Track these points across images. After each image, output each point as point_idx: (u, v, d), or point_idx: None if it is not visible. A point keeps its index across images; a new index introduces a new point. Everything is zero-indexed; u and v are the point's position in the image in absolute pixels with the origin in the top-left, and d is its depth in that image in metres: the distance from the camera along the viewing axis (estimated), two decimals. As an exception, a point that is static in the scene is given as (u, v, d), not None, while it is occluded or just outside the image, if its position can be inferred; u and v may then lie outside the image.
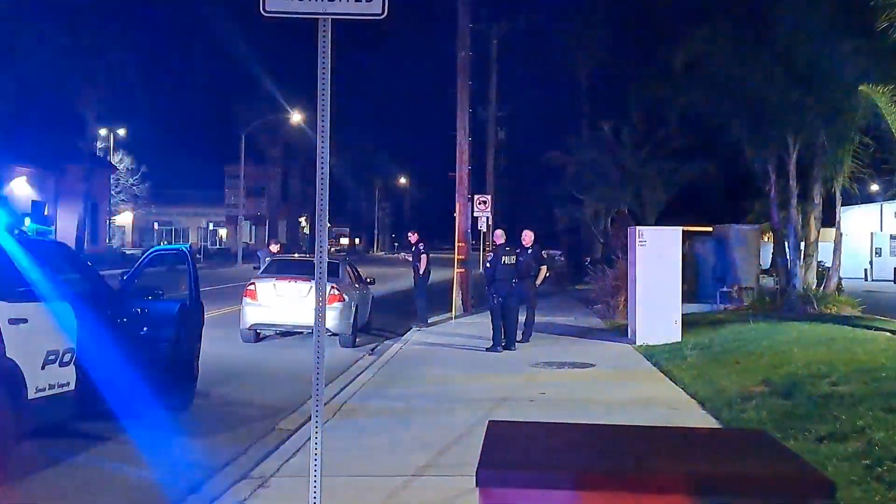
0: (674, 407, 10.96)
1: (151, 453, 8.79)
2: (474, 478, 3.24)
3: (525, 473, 3.31)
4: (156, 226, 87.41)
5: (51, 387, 8.38)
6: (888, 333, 15.53)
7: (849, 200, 26.07)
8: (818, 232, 22.77)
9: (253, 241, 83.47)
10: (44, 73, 43.78)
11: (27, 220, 9.21)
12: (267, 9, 6.38)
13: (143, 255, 11.98)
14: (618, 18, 45.62)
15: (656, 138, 37.36)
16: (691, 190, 39.04)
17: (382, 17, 6.38)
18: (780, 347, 13.96)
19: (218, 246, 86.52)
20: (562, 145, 44.82)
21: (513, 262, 16.95)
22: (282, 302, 17.44)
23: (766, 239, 31.21)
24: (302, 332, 17.60)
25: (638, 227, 18.81)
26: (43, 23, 42.34)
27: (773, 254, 25.29)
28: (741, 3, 22.75)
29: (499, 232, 18.06)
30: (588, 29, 52.08)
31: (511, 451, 3.56)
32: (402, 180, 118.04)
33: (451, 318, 22.33)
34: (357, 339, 18.02)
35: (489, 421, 4.01)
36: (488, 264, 17.40)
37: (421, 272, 20.92)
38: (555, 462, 3.43)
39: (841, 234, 22.80)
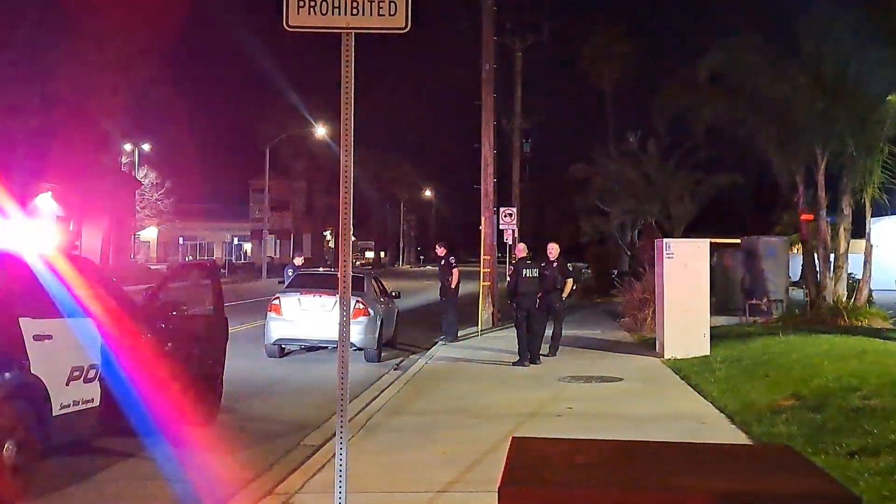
0: (703, 421, 10.83)
1: (176, 469, 8.76)
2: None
3: (548, 491, 3.25)
4: (180, 241, 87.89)
5: (75, 403, 8.36)
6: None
7: (879, 211, 25.80)
8: (848, 243, 22.53)
9: (278, 256, 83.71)
10: (69, 88, 44.13)
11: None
12: (290, 23, 6.38)
13: (167, 270, 12.00)
14: (643, 30, 45.67)
15: (682, 149, 37.19)
16: (719, 201, 38.89)
17: (406, 31, 6.35)
18: (810, 360, 13.77)
19: (243, 260, 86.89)
20: (587, 157, 44.76)
21: (535, 275, 16.84)
22: (306, 316, 17.39)
23: (794, 250, 30.95)
24: (327, 347, 17.54)
25: (665, 240, 18.68)
26: (68, 39, 42.71)
27: (802, 266, 25.05)
28: (767, 13, 22.64)
29: (520, 246, 17.99)
30: (613, 41, 52.16)
31: (534, 468, 3.51)
32: (428, 193, 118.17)
33: (478, 332, 22.23)
34: (382, 354, 17.94)
35: (512, 437, 3.95)
36: (509, 278, 17.34)
37: (452, 286, 20.74)
38: (578, 480, 3.37)
39: (871, 246, 22.53)
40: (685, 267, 17.12)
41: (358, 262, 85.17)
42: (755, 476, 3.42)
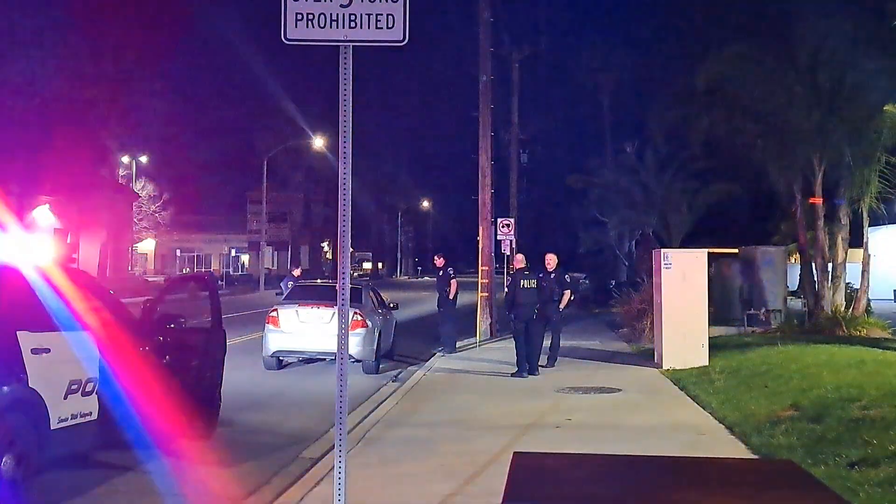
0: (702, 432, 10.82)
1: (174, 483, 8.73)
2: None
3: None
4: (178, 253, 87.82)
5: (73, 416, 8.33)
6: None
7: (876, 221, 25.82)
8: (846, 253, 22.53)
9: (275, 267, 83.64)
10: (66, 101, 44.16)
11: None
12: (288, 36, 6.39)
13: (165, 282, 11.98)
14: (639, 40, 45.75)
15: (680, 160, 37.23)
16: (716, 211, 38.88)
17: (404, 43, 6.36)
18: (808, 371, 13.76)
19: (240, 272, 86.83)
20: (585, 167, 44.84)
21: (533, 285, 16.83)
22: (304, 328, 17.34)
23: (793, 260, 30.94)
24: (325, 359, 17.51)
25: (663, 250, 18.67)
26: (66, 51, 42.77)
27: (800, 275, 25.04)
28: (763, 23, 22.65)
29: (519, 256, 17.97)
30: (610, 51, 52.28)
31: (536, 484, 3.50)
32: (425, 204, 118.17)
33: (476, 344, 22.20)
34: (380, 366, 17.90)
35: (514, 453, 3.93)
36: (507, 289, 17.32)
37: (450, 297, 20.73)
38: (580, 496, 3.35)
39: (869, 255, 22.54)
40: (683, 277, 17.12)
41: (355, 273, 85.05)
42: (758, 491, 3.41)
